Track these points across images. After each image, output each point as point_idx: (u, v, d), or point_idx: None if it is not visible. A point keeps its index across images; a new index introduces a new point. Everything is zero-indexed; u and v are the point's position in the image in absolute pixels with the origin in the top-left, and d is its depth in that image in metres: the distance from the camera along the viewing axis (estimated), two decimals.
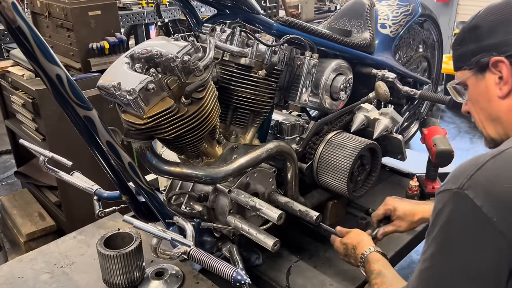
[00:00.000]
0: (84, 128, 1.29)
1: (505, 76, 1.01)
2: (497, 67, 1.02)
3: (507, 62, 1.00)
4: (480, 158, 0.89)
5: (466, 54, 1.10)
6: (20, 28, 1.06)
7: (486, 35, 1.05)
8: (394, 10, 2.47)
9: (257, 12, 1.76)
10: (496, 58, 1.01)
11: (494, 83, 1.04)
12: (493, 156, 0.88)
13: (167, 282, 1.53)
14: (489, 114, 1.09)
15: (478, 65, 1.06)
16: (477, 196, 0.84)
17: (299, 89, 1.77)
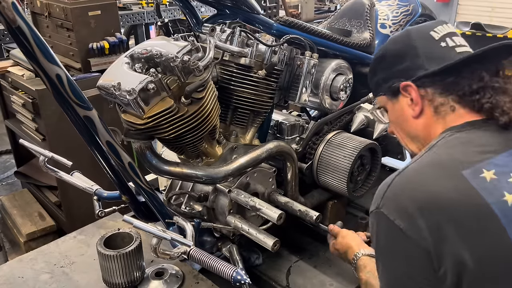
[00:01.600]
0: (84, 128, 1.29)
1: (415, 98, 1.10)
2: (407, 91, 1.11)
3: (414, 86, 1.09)
4: (390, 177, 1.00)
5: (379, 82, 1.21)
6: (20, 28, 1.06)
7: (393, 63, 1.15)
8: (394, 10, 2.47)
9: (257, 12, 1.76)
10: (404, 83, 1.10)
11: (407, 105, 1.13)
12: (398, 173, 0.99)
13: (167, 282, 1.53)
14: (408, 133, 1.18)
15: (391, 91, 1.16)
16: (390, 212, 0.95)
17: (299, 89, 1.77)
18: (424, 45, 1.11)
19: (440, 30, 1.12)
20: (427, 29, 1.13)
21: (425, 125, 1.12)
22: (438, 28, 1.12)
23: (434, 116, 1.09)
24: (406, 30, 1.18)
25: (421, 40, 1.12)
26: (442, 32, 1.12)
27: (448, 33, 1.12)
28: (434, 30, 1.12)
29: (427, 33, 1.12)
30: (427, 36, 1.12)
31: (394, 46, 1.17)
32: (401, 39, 1.16)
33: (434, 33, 1.12)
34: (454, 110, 1.06)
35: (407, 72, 1.11)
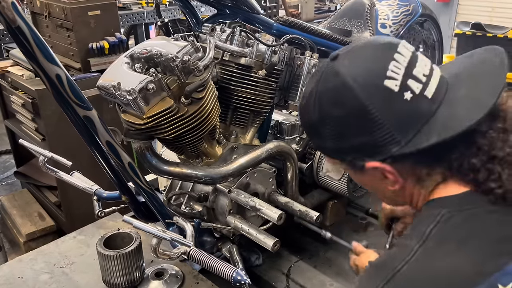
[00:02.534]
0: (84, 128, 1.29)
1: (391, 178, 0.85)
2: (376, 170, 0.84)
3: (387, 166, 0.82)
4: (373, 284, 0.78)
5: (326, 149, 0.91)
6: (20, 28, 1.05)
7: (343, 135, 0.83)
8: (394, 10, 2.47)
9: (257, 12, 1.76)
10: (371, 164, 0.83)
11: (379, 180, 0.87)
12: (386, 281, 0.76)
13: (167, 283, 1.52)
14: (384, 196, 0.97)
15: (351, 165, 0.89)
16: None
17: (299, 89, 1.77)
18: (382, 107, 0.77)
19: (394, 70, 0.78)
20: (378, 77, 0.78)
21: (408, 195, 0.89)
22: (391, 69, 0.78)
23: (418, 187, 0.86)
24: (343, 82, 0.80)
25: (376, 100, 0.77)
26: (398, 73, 0.78)
27: (406, 68, 0.78)
28: (388, 76, 0.77)
29: (381, 84, 0.77)
30: (381, 90, 0.77)
31: (336, 111, 0.81)
32: (344, 99, 0.80)
33: (390, 82, 0.77)
34: (446, 180, 0.84)
35: (369, 150, 0.81)
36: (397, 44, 0.82)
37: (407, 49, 0.82)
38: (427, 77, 0.80)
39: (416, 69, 0.80)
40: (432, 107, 0.79)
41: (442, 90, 0.81)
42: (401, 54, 0.80)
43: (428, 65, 0.82)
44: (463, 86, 0.82)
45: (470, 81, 0.83)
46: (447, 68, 0.88)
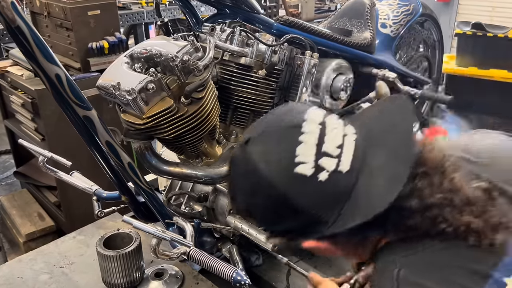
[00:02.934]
0: (84, 128, 1.29)
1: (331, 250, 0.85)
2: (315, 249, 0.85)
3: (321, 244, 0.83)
4: None
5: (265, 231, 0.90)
6: (20, 27, 1.05)
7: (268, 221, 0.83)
8: (395, 9, 2.47)
9: (257, 12, 1.76)
10: (306, 244, 0.84)
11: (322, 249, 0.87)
12: None
13: (166, 283, 1.52)
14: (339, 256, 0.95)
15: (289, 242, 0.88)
16: None
17: (299, 89, 1.76)
18: (300, 193, 0.75)
19: (303, 154, 0.75)
20: (288, 165, 0.75)
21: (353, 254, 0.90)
22: (299, 153, 0.75)
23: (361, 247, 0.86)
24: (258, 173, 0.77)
25: (292, 187, 0.75)
26: (308, 155, 0.75)
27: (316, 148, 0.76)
28: (298, 162, 0.75)
29: (292, 172, 0.75)
30: (294, 177, 0.75)
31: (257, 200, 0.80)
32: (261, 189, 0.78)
33: (301, 167, 0.75)
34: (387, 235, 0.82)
35: (300, 232, 0.80)
36: (302, 122, 0.78)
37: (314, 122, 0.78)
38: (341, 147, 0.78)
39: (326, 144, 0.77)
40: (351, 181, 0.77)
41: (358, 158, 0.78)
42: (307, 133, 0.77)
43: (340, 131, 0.79)
44: (377, 152, 0.79)
45: (383, 146, 0.80)
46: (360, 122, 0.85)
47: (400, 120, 0.82)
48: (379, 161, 0.77)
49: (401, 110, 0.84)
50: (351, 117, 0.88)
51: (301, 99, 1.78)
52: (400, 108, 0.84)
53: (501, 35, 3.75)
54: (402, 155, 0.76)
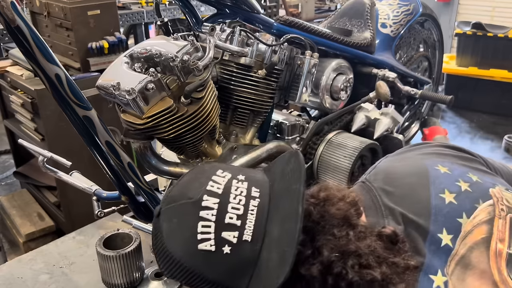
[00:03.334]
0: (83, 128, 1.28)
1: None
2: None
3: None
4: None
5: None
6: (19, 27, 1.05)
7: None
8: (395, 9, 2.47)
9: (257, 12, 1.76)
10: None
11: None
12: None
13: (166, 283, 1.52)
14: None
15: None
16: None
17: (299, 88, 1.76)
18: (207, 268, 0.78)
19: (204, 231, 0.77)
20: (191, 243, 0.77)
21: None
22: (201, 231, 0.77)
23: None
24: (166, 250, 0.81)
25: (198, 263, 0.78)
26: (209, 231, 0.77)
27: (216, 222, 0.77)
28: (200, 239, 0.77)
29: (196, 249, 0.77)
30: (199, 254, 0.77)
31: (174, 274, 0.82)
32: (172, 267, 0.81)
33: (204, 244, 0.77)
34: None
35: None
36: (201, 197, 0.79)
37: (213, 194, 0.79)
38: (243, 216, 0.78)
39: (228, 215, 0.77)
40: (256, 248, 0.77)
41: (260, 225, 0.78)
42: (207, 208, 0.78)
43: (244, 196, 0.80)
44: (275, 219, 0.79)
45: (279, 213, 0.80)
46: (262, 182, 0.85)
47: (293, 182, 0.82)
48: (275, 231, 0.78)
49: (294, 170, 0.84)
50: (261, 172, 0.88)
51: (301, 99, 1.78)
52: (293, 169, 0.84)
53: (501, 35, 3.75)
54: (291, 228, 0.75)
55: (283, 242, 0.75)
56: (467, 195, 0.92)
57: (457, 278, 0.85)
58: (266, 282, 0.75)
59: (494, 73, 3.84)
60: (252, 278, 0.77)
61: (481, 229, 0.88)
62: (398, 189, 0.93)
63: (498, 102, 3.95)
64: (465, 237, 0.87)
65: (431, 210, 0.89)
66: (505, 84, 3.85)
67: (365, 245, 0.78)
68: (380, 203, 0.91)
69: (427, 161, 0.98)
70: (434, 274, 0.83)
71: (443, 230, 0.87)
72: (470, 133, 3.69)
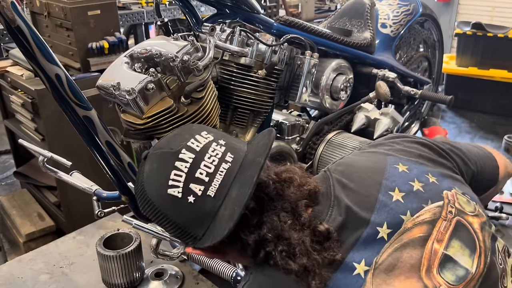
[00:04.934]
0: (84, 128, 1.28)
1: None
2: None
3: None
4: None
5: None
6: (19, 28, 1.05)
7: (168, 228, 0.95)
8: (395, 9, 2.47)
9: (257, 12, 1.76)
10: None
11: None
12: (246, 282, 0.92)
13: (166, 283, 1.52)
14: None
15: None
16: None
17: (299, 89, 1.76)
18: (172, 211, 0.89)
19: (176, 178, 0.88)
20: (162, 187, 0.88)
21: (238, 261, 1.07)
22: (172, 178, 0.88)
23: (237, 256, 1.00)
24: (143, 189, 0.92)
25: (166, 206, 0.89)
26: (179, 180, 0.87)
27: (187, 174, 0.87)
28: (170, 185, 0.87)
29: (165, 193, 0.88)
30: (167, 197, 0.88)
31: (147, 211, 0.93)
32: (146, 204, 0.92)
33: (173, 190, 0.87)
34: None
35: (182, 240, 0.95)
36: (180, 150, 0.90)
37: (191, 150, 0.90)
38: (212, 175, 0.88)
39: (199, 170, 0.88)
40: (216, 204, 0.88)
41: (225, 186, 0.88)
42: (183, 160, 0.88)
43: (217, 158, 0.90)
44: (237, 183, 0.89)
45: (240, 177, 0.90)
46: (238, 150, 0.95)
47: (259, 155, 0.92)
48: (234, 192, 0.88)
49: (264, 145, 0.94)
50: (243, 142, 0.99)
51: (301, 99, 1.78)
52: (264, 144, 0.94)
53: (501, 35, 3.75)
54: (245, 192, 0.86)
55: (236, 202, 0.86)
56: (418, 194, 0.96)
57: (383, 269, 0.88)
58: (216, 233, 0.86)
59: (494, 73, 3.84)
60: (208, 229, 0.88)
61: (421, 228, 0.91)
62: (352, 182, 0.98)
63: (498, 102, 3.95)
64: (403, 233, 0.91)
65: (376, 204, 0.93)
66: (505, 84, 3.85)
67: (298, 237, 0.89)
68: (331, 193, 0.97)
69: (390, 158, 1.03)
70: (357, 262, 0.89)
71: (384, 224, 0.91)
72: (470, 133, 3.69)
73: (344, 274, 0.88)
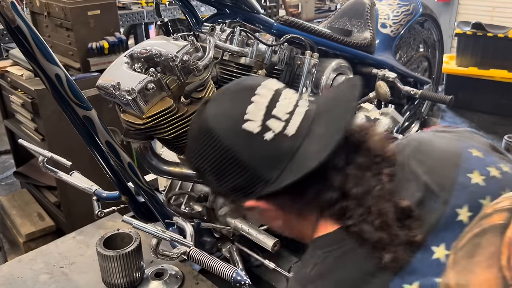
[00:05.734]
0: (83, 128, 1.29)
1: (273, 215, 0.88)
2: (255, 209, 0.87)
3: (263, 205, 0.85)
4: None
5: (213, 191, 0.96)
6: (19, 27, 1.05)
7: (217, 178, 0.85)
8: (395, 9, 2.47)
9: (257, 12, 1.76)
10: (249, 203, 0.85)
11: (264, 217, 0.91)
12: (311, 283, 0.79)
13: (166, 283, 1.52)
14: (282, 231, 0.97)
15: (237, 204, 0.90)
16: None
17: (299, 89, 1.76)
18: (244, 149, 0.80)
19: (254, 112, 0.81)
20: (236, 121, 0.81)
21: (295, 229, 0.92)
22: (249, 111, 0.81)
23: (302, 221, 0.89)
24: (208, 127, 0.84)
25: (237, 143, 0.80)
26: (258, 115, 0.81)
27: (266, 109, 0.81)
28: (247, 119, 0.80)
29: (239, 128, 0.80)
30: (241, 133, 0.80)
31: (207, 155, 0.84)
32: (210, 144, 0.83)
33: (250, 124, 0.80)
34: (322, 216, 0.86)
35: (243, 190, 0.84)
36: (257, 85, 0.84)
37: (269, 88, 0.84)
38: (290, 114, 0.82)
39: (277, 108, 0.82)
40: (295, 145, 0.81)
41: (305, 126, 0.82)
42: (260, 95, 0.82)
43: (293, 102, 0.84)
44: (322, 121, 0.84)
45: (327, 116, 0.85)
46: (319, 100, 0.92)
47: (347, 93, 0.87)
48: (320, 129, 0.82)
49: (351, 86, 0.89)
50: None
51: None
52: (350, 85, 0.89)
53: (501, 35, 3.75)
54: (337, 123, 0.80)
55: (327, 135, 0.79)
56: (496, 181, 0.90)
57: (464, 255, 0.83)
58: (300, 167, 0.78)
59: (494, 73, 3.84)
60: (283, 171, 0.79)
61: (501, 215, 0.86)
62: (429, 160, 0.91)
63: (498, 102, 3.95)
64: (483, 218, 0.85)
65: (455, 185, 0.87)
66: (505, 84, 3.85)
67: (381, 206, 0.80)
68: (407, 167, 0.89)
69: (462, 143, 0.96)
70: (436, 245, 0.81)
71: (464, 206, 0.85)
72: None
73: (423, 257, 0.81)
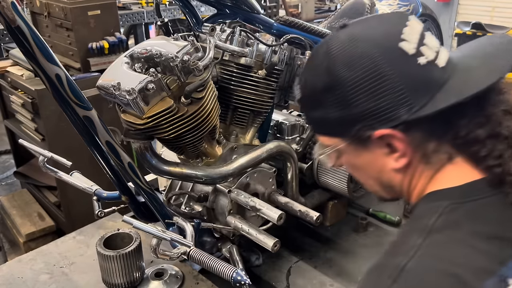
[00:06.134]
0: (84, 128, 1.29)
1: (401, 150, 0.78)
2: (386, 140, 0.78)
3: (398, 134, 0.76)
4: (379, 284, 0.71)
5: (328, 121, 0.82)
6: (20, 28, 1.05)
7: (353, 100, 0.77)
8: (395, 9, 2.47)
9: (257, 12, 1.76)
10: (381, 132, 0.76)
11: (384, 155, 0.81)
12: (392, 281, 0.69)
13: (166, 283, 1.52)
14: (380, 182, 0.88)
15: (356, 138, 0.80)
16: None
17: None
18: (398, 69, 0.75)
19: (410, 34, 0.76)
20: (393, 39, 0.76)
21: (409, 178, 0.83)
22: (406, 32, 0.76)
23: (423, 166, 0.80)
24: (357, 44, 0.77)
25: (391, 61, 0.75)
26: (413, 38, 0.76)
27: (420, 36, 0.77)
28: (403, 38, 0.75)
29: (396, 46, 0.75)
30: (396, 51, 0.75)
31: (349, 73, 0.77)
32: (358, 61, 0.76)
33: (406, 44, 0.75)
34: (452, 158, 0.79)
35: (381, 114, 0.76)
36: (408, 15, 0.81)
37: (417, 22, 0.81)
38: (438, 48, 0.79)
39: (427, 38, 0.78)
40: (444, 76, 0.76)
41: (451, 62, 0.79)
42: (414, 23, 0.79)
43: (437, 43, 0.81)
44: (474, 60, 0.81)
45: (480, 56, 0.83)
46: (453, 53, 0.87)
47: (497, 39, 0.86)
48: (475, 63, 0.80)
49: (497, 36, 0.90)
50: None
51: None
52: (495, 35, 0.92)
53: None
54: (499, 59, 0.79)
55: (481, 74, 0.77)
56: None
57: None
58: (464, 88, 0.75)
59: None
60: (433, 98, 0.75)
61: None
62: None
63: None
64: None
65: None
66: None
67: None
68: None
69: None
70: None
71: None
72: None
73: None
